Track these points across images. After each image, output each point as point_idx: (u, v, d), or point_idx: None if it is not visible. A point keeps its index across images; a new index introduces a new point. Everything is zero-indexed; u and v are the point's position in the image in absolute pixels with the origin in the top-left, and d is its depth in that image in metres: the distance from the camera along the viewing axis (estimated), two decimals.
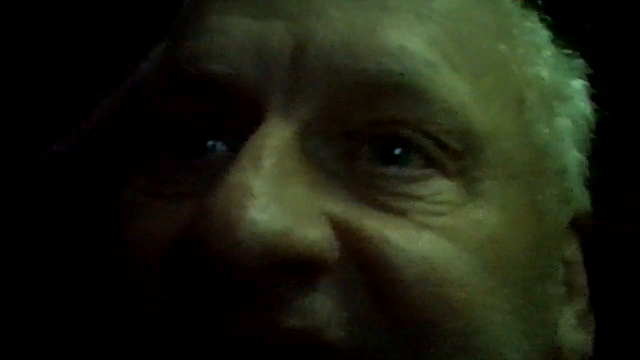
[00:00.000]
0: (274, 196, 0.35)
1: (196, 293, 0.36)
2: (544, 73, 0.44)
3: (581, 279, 0.45)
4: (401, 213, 0.37)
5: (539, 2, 0.46)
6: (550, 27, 0.46)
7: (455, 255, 0.37)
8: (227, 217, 0.34)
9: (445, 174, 0.38)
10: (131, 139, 0.44)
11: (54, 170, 0.48)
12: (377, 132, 0.38)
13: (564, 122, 0.45)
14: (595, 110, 0.46)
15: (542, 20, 0.46)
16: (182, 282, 0.36)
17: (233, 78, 0.38)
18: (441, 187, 0.38)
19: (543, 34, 0.46)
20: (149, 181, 0.40)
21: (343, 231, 0.36)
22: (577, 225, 0.45)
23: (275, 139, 0.37)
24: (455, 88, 0.39)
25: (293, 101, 0.38)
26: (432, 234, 0.37)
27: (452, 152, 0.38)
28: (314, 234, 0.35)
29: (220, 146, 0.39)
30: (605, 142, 0.46)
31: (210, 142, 0.39)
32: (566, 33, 0.46)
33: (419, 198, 0.37)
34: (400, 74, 0.38)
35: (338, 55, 0.38)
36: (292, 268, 0.35)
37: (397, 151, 0.38)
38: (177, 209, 0.38)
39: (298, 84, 0.38)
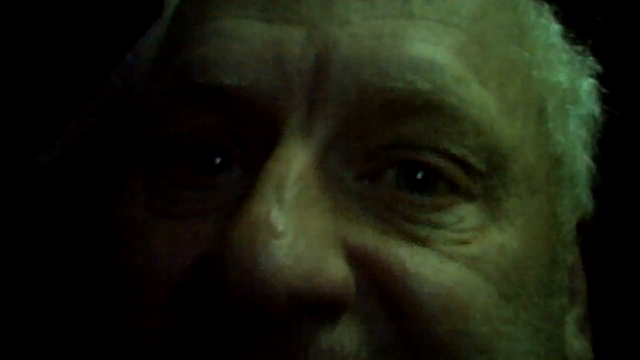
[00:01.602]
0: (298, 233, 0.33)
1: (211, 325, 0.34)
2: (562, 77, 0.42)
3: (581, 283, 0.45)
4: (424, 242, 0.35)
5: None
6: (560, 20, 0.44)
7: (479, 287, 0.35)
8: (252, 257, 0.32)
9: (468, 198, 0.37)
10: (126, 147, 0.40)
11: (46, 176, 0.44)
12: (400, 155, 0.36)
13: (575, 126, 0.43)
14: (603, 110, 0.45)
15: (553, 14, 0.44)
16: (196, 311, 0.34)
17: (249, 91, 0.35)
18: (465, 213, 0.36)
19: (556, 30, 0.44)
20: (149, 196, 0.38)
21: (363, 262, 0.35)
22: (579, 228, 0.44)
23: (296, 164, 0.34)
24: (484, 104, 0.37)
25: (314, 116, 0.35)
26: (456, 265, 0.35)
27: (477, 173, 0.37)
28: (337, 274, 0.34)
29: (224, 160, 0.37)
30: (608, 141, 0.45)
31: (218, 159, 0.37)
32: (576, 27, 0.44)
33: (443, 226, 0.36)
34: (430, 92, 0.35)
35: (365, 70, 0.35)
36: (314, 308, 0.33)
37: (420, 175, 0.36)
38: (185, 229, 0.36)
39: (320, 98, 0.35)
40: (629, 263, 0.47)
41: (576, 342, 0.43)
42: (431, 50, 0.36)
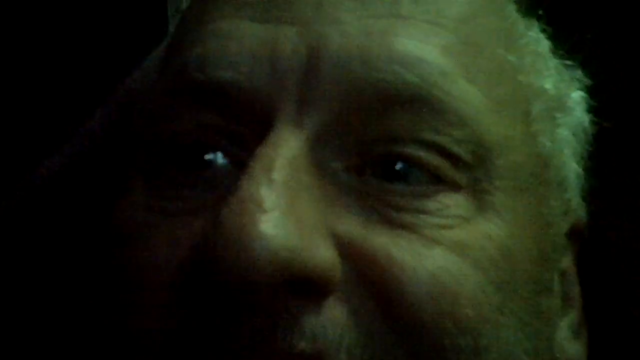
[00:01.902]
0: (286, 211, 0.34)
1: (204, 313, 0.35)
2: (549, 84, 0.44)
3: (575, 289, 0.45)
4: (410, 228, 0.37)
5: (540, 13, 0.46)
6: (550, 37, 0.46)
7: (466, 271, 0.36)
8: (241, 230, 0.33)
9: (455, 188, 0.38)
10: (127, 148, 0.43)
11: (53, 178, 0.47)
12: (381, 149, 0.38)
13: (564, 134, 0.45)
14: (593, 122, 0.47)
15: (542, 31, 0.46)
16: (193, 304, 0.36)
17: (243, 85, 0.37)
18: (450, 201, 0.38)
19: (545, 44, 0.46)
20: (149, 196, 0.39)
21: (349, 251, 0.36)
22: (572, 235, 0.45)
23: (286, 149, 0.36)
24: (469, 98, 0.38)
25: (305, 109, 0.37)
26: (442, 250, 0.36)
27: (463, 163, 0.38)
28: (324, 254, 0.35)
29: (220, 159, 0.38)
30: (601, 151, 0.47)
31: (209, 155, 0.38)
32: (566, 43, 0.46)
33: (428, 212, 0.37)
34: (417, 85, 0.37)
35: (354, 64, 0.37)
36: (301, 287, 0.35)
37: (399, 166, 0.38)
38: (183, 227, 0.37)
39: (311, 92, 0.37)
40: (627, 269, 0.48)
41: (570, 347, 0.44)
42: (419, 47, 0.38)
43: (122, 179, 0.42)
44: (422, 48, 0.38)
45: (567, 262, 0.45)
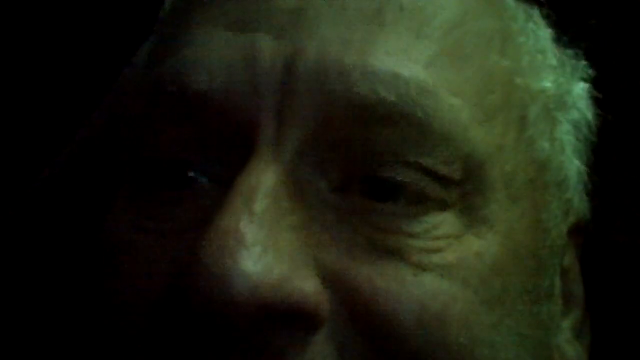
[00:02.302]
0: (267, 245, 0.33)
1: (187, 342, 0.35)
2: (548, 84, 0.41)
3: (578, 287, 0.44)
4: (395, 254, 0.35)
5: None
6: (552, 24, 0.44)
7: (454, 294, 0.35)
8: (220, 267, 0.32)
9: (442, 206, 0.36)
10: (115, 160, 0.41)
11: (48, 188, 0.46)
12: (367, 169, 0.36)
13: (565, 131, 0.43)
14: (597, 114, 0.45)
15: (544, 17, 0.44)
16: (173, 329, 0.35)
17: (219, 96, 0.36)
18: (438, 221, 0.36)
19: (546, 35, 0.43)
20: (133, 214, 0.38)
21: (333, 282, 0.35)
22: (574, 232, 0.44)
23: (267, 177, 0.35)
24: (454, 114, 0.36)
25: (284, 125, 0.36)
26: (430, 276, 0.35)
27: (450, 181, 0.36)
28: (308, 286, 0.34)
29: (201, 178, 0.37)
30: (605, 145, 0.45)
31: (191, 173, 0.37)
32: (569, 30, 0.44)
33: (415, 235, 0.36)
34: (394, 104, 0.35)
35: (330, 76, 0.36)
36: (286, 321, 0.34)
37: (388, 185, 0.36)
38: (165, 248, 0.36)
39: (289, 106, 0.36)
40: (630, 267, 0.46)
41: (569, 348, 0.42)
42: (397, 62, 0.36)
43: (111, 192, 0.41)
44: (400, 64, 0.36)
45: (568, 260, 0.44)
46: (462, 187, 0.37)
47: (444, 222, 0.36)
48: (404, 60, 0.36)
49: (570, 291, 0.43)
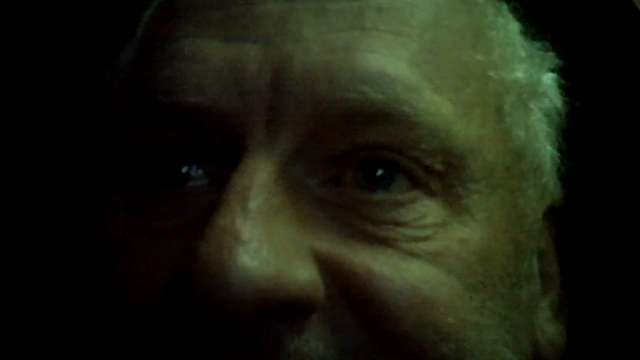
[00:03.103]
0: (264, 239, 0.34)
1: (186, 340, 0.36)
2: (520, 74, 0.43)
3: (554, 267, 0.46)
4: (386, 242, 0.37)
5: None
6: (519, 17, 0.46)
7: (442, 280, 0.37)
8: (219, 264, 0.34)
9: (430, 194, 0.38)
10: (100, 159, 0.42)
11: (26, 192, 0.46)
12: (360, 155, 0.38)
13: (537, 119, 0.45)
14: (565, 102, 0.46)
15: (512, 11, 0.46)
16: (173, 328, 0.36)
17: (211, 109, 0.37)
18: (426, 210, 0.38)
19: (514, 28, 0.45)
20: (128, 214, 0.39)
21: (330, 268, 0.36)
22: (549, 215, 0.46)
23: (259, 175, 0.36)
24: (437, 110, 0.38)
25: (274, 131, 0.37)
26: (420, 262, 0.37)
27: (435, 172, 0.38)
28: (305, 275, 0.35)
29: (196, 172, 0.38)
30: (576, 130, 0.47)
31: (185, 168, 0.38)
32: (536, 23, 0.46)
33: (404, 224, 0.37)
34: (382, 102, 0.37)
35: (318, 83, 0.37)
36: (283, 310, 0.35)
37: (380, 172, 0.38)
38: (162, 249, 0.37)
39: (278, 113, 0.37)
40: (605, 247, 0.48)
41: (550, 327, 0.45)
42: (382, 61, 0.37)
43: (100, 191, 0.42)
44: (385, 62, 0.38)
45: (544, 242, 0.46)
46: (445, 180, 0.38)
47: (431, 211, 0.38)
48: (388, 59, 0.38)
49: (547, 272, 0.45)
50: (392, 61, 0.38)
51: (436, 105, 0.38)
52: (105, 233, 0.40)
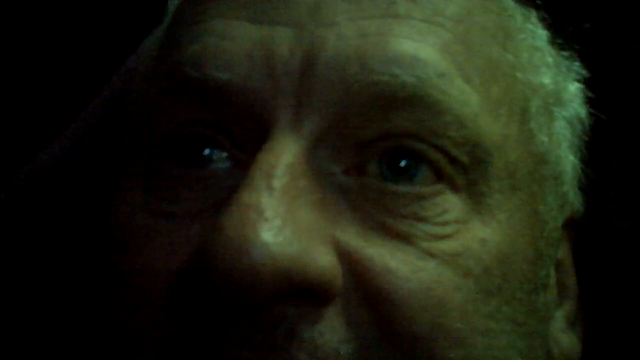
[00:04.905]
0: (287, 219, 0.34)
1: (202, 320, 0.36)
2: (547, 80, 0.43)
3: (572, 279, 0.46)
4: (406, 239, 0.37)
5: (539, 2, 0.46)
6: (548, 26, 0.46)
7: (457, 283, 0.37)
8: (242, 239, 0.33)
9: (454, 189, 0.38)
10: (122, 144, 0.42)
11: (46, 175, 0.46)
12: (385, 145, 0.38)
13: (561, 127, 0.44)
14: (590, 113, 0.46)
15: (541, 20, 0.46)
16: (190, 311, 0.36)
17: (240, 87, 0.37)
18: (448, 205, 0.38)
19: (543, 35, 0.45)
20: (148, 197, 0.39)
21: (348, 260, 0.36)
22: (568, 226, 0.45)
23: (286, 156, 0.36)
24: (467, 99, 0.38)
25: (302, 114, 0.37)
26: (436, 262, 0.37)
27: (461, 166, 0.38)
28: (326, 261, 0.35)
29: (219, 155, 0.38)
30: (598, 142, 0.47)
31: (207, 151, 0.38)
32: (564, 33, 0.46)
33: (426, 220, 0.37)
34: (414, 86, 0.37)
35: (350, 67, 0.37)
36: (301, 295, 0.35)
37: (404, 163, 0.38)
38: (182, 231, 0.37)
39: (308, 96, 0.37)
40: (623, 260, 0.48)
41: (564, 338, 0.44)
42: (415, 47, 0.37)
43: (119, 180, 0.41)
44: (419, 47, 0.38)
45: (563, 252, 0.45)
46: (470, 174, 0.38)
47: (454, 207, 0.38)
48: (421, 45, 0.38)
49: (564, 283, 0.45)
50: (424, 47, 0.38)
51: (466, 95, 0.38)
52: (123, 216, 0.40)
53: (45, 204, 0.47)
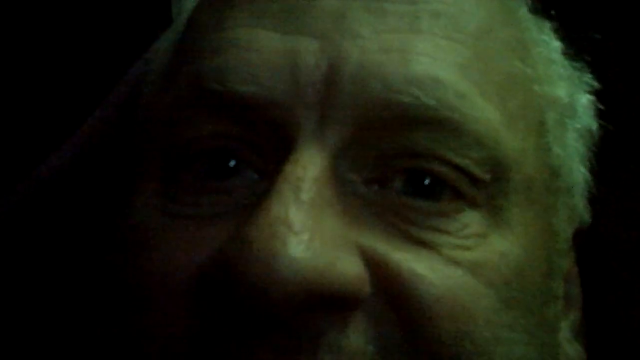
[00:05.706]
0: (315, 231, 0.34)
1: (224, 324, 0.35)
2: (562, 92, 0.44)
3: (576, 289, 0.46)
4: (430, 246, 0.37)
5: (552, 12, 0.46)
6: (561, 38, 0.46)
7: (482, 292, 0.37)
8: (270, 252, 0.33)
9: (473, 205, 0.38)
10: (129, 146, 0.42)
11: (52, 184, 0.45)
12: (408, 163, 0.38)
13: (573, 138, 0.45)
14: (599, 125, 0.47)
15: (554, 31, 0.46)
16: (209, 311, 0.36)
17: (264, 99, 0.37)
18: (469, 220, 0.38)
19: (556, 47, 0.46)
20: (166, 201, 0.39)
21: (374, 265, 0.36)
22: (575, 237, 0.46)
23: (312, 168, 0.36)
24: (486, 118, 0.38)
25: (326, 125, 0.37)
26: (461, 270, 0.37)
27: (481, 182, 0.38)
28: (353, 270, 0.35)
29: (244, 166, 0.38)
30: (604, 152, 0.47)
31: (232, 162, 0.38)
32: (575, 44, 0.46)
33: (447, 232, 0.37)
34: (434, 108, 0.37)
35: (372, 82, 0.37)
36: (327, 304, 0.35)
37: (427, 181, 0.38)
38: (202, 233, 0.37)
39: (331, 107, 0.37)
40: (625, 269, 0.49)
41: (570, 347, 0.44)
42: (436, 66, 0.38)
43: (132, 183, 0.41)
44: (439, 67, 0.38)
45: (569, 263, 0.46)
46: (489, 189, 0.38)
47: (474, 221, 0.38)
48: (442, 65, 0.38)
49: (569, 293, 0.45)
50: (445, 67, 0.38)
51: (485, 113, 0.38)
52: (140, 217, 0.39)
53: (54, 208, 0.47)
